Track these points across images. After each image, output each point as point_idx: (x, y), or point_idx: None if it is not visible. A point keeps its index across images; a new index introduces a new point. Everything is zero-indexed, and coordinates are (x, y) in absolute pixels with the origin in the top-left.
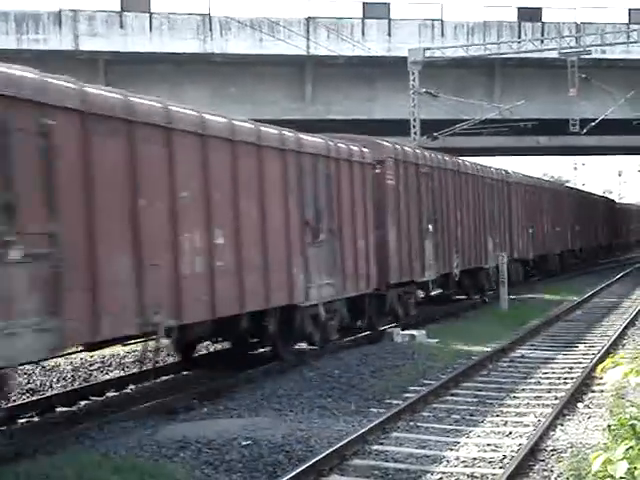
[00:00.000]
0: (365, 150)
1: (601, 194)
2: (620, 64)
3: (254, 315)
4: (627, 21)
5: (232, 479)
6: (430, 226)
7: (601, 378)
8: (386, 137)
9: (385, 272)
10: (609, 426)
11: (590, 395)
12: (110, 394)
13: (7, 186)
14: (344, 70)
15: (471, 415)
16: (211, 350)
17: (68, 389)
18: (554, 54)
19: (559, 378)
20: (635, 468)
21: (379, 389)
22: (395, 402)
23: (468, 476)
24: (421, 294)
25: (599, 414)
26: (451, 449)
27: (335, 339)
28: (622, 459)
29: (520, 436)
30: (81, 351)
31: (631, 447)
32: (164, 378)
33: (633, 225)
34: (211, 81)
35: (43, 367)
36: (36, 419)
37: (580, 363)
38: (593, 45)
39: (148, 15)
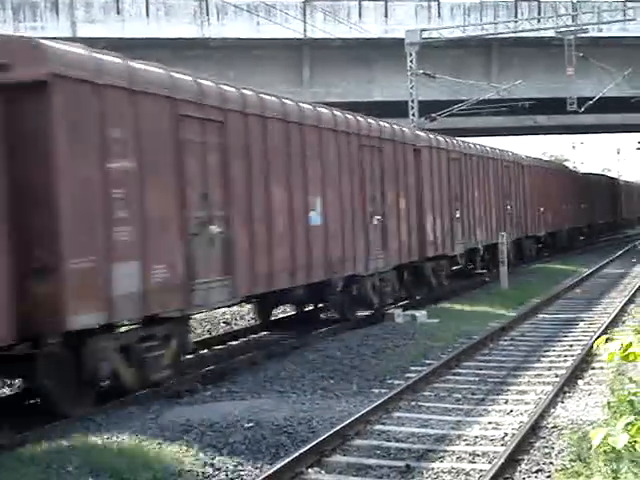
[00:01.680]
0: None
1: (600, 173)
2: (617, 42)
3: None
4: None
5: (235, 461)
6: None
7: (599, 355)
8: (385, 119)
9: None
10: (609, 403)
11: (590, 372)
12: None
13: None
14: (341, 52)
15: (472, 394)
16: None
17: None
18: (551, 33)
19: (559, 356)
20: (635, 441)
21: (380, 370)
22: (397, 382)
23: (470, 454)
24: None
25: (599, 391)
26: (453, 428)
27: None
28: (622, 433)
29: (521, 414)
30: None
31: (630, 423)
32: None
33: (635, 202)
34: (209, 66)
35: None
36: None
37: (580, 340)
38: (590, 23)
39: (145, 1)
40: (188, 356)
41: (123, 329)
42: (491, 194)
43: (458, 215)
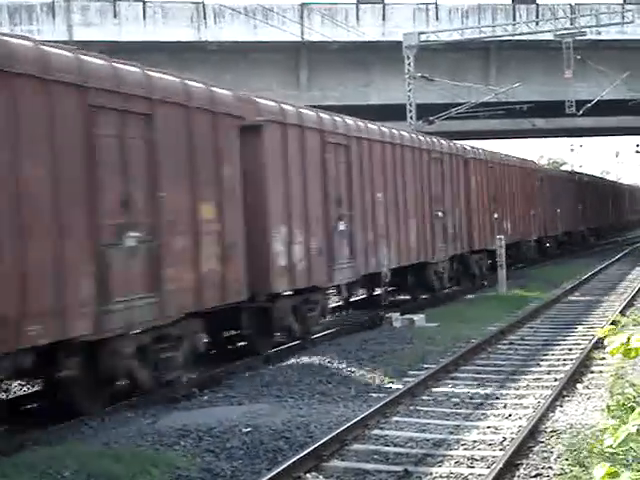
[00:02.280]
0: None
1: (599, 176)
2: (615, 45)
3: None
4: (621, 2)
5: (233, 466)
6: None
7: (600, 358)
8: (383, 122)
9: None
10: (608, 406)
11: (589, 376)
12: None
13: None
14: (339, 56)
15: (471, 398)
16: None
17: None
18: (549, 36)
19: (558, 359)
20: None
21: (378, 374)
22: (395, 387)
23: (468, 459)
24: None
25: (598, 395)
26: (451, 432)
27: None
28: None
29: (520, 418)
30: None
31: None
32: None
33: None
34: (206, 69)
35: None
36: None
37: (579, 344)
38: (588, 26)
39: (142, 4)
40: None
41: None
42: (407, 197)
43: (342, 228)
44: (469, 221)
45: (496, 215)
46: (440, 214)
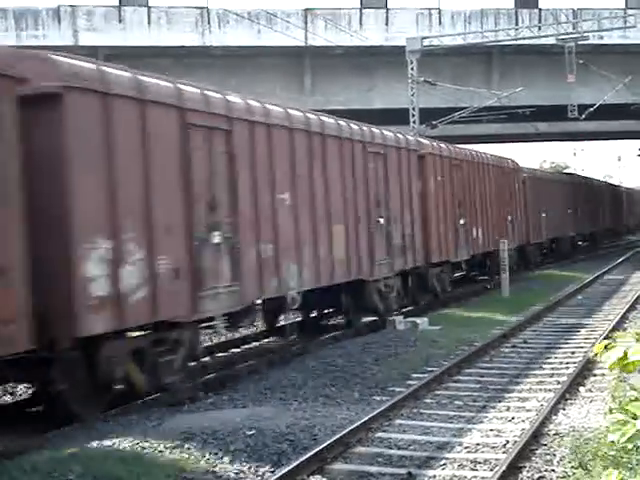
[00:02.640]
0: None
1: (602, 179)
2: (617, 49)
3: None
4: (624, 6)
5: (237, 468)
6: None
7: (602, 362)
8: (386, 126)
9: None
10: (611, 409)
11: (592, 379)
12: None
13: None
14: (342, 60)
15: (474, 401)
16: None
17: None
18: (552, 40)
19: (561, 363)
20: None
21: (382, 377)
22: (398, 389)
23: (471, 462)
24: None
25: (601, 397)
26: (454, 435)
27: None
28: None
29: (523, 421)
30: None
31: None
32: None
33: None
34: (211, 74)
35: None
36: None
37: (582, 347)
38: (590, 31)
39: (146, 9)
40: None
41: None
42: (332, 199)
43: (218, 240)
44: (425, 229)
45: (462, 221)
46: (382, 221)
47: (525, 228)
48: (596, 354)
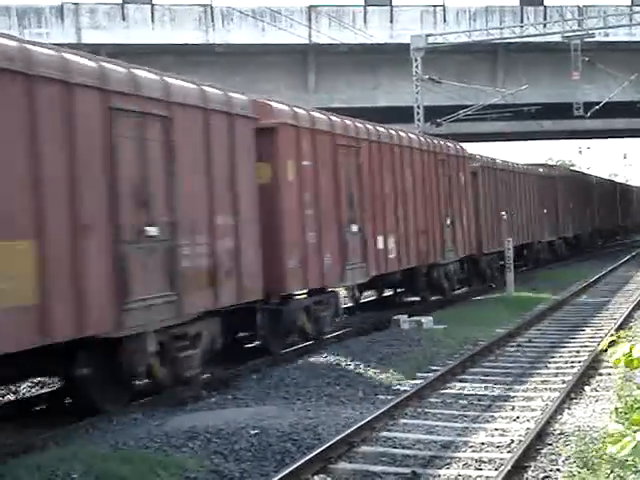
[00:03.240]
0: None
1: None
2: (623, 46)
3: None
4: (629, 3)
5: (241, 468)
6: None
7: (608, 361)
8: (390, 124)
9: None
10: (616, 409)
11: (597, 378)
12: None
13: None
14: (347, 58)
15: (479, 400)
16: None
17: None
18: (557, 38)
19: (566, 362)
20: None
21: (386, 376)
22: (402, 388)
23: (476, 461)
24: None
25: (606, 397)
26: (459, 434)
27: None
28: None
29: (528, 420)
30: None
31: None
32: None
33: None
34: (215, 71)
35: None
36: None
37: (587, 346)
38: (596, 28)
39: (150, 7)
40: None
41: None
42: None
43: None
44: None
45: (355, 228)
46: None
47: (475, 233)
48: (603, 350)
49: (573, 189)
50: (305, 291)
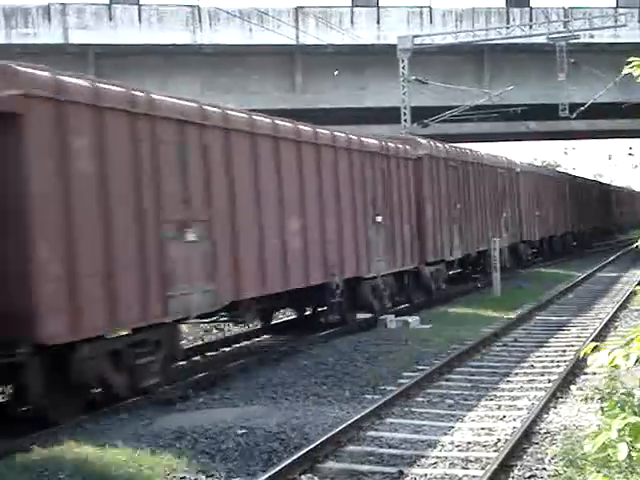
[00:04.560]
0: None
1: (592, 178)
2: (608, 48)
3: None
4: (614, 5)
5: (228, 467)
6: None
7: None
8: (378, 125)
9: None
10: (602, 408)
11: (583, 377)
12: None
13: None
14: (334, 59)
15: (465, 400)
16: None
17: None
18: (543, 39)
19: (552, 361)
20: (634, 448)
21: (373, 375)
22: (389, 388)
23: (462, 460)
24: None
25: (592, 396)
26: (445, 434)
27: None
28: (620, 440)
29: (514, 419)
30: None
31: (626, 425)
32: None
33: (626, 208)
34: (201, 72)
35: None
36: None
37: (573, 346)
38: (581, 30)
39: (137, 7)
40: (180, 362)
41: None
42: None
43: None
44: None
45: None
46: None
47: (402, 247)
48: (583, 355)
49: (549, 187)
50: None
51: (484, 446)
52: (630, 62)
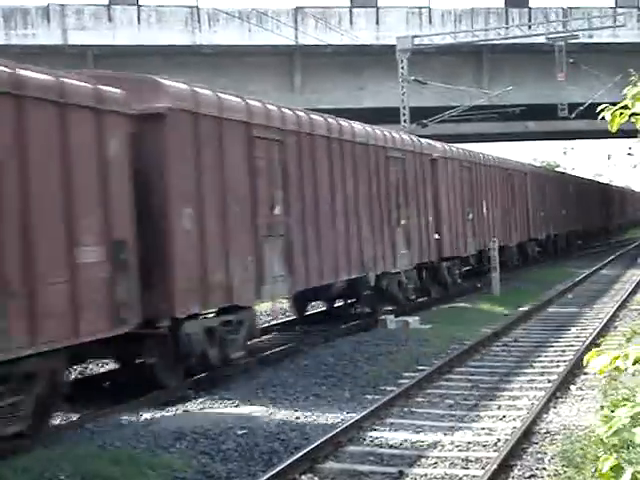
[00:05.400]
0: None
1: (591, 178)
2: (607, 48)
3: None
4: (613, 5)
5: (228, 468)
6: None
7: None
8: (376, 125)
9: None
10: (602, 407)
11: (583, 377)
12: None
13: None
14: (333, 59)
15: (465, 400)
16: None
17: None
18: (542, 39)
19: (552, 361)
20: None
21: (373, 376)
22: (389, 388)
23: (463, 460)
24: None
25: (592, 396)
26: (445, 434)
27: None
28: (633, 425)
29: (514, 419)
30: None
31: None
32: None
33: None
34: (201, 73)
35: None
36: None
37: (572, 346)
38: (580, 30)
39: (136, 8)
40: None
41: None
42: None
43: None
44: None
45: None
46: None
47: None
48: (586, 362)
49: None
50: None
51: (484, 446)
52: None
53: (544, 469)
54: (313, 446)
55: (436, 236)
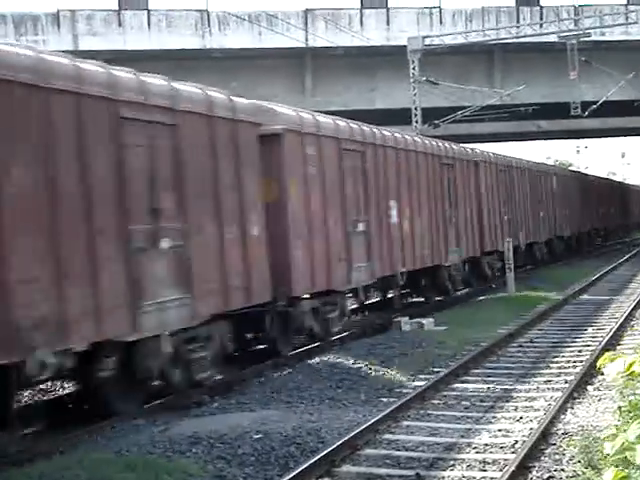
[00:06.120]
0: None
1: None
2: (620, 45)
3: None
4: (625, 2)
5: (245, 472)
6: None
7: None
8: (388, 127)
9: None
10: (620, 408)
11: (600, 378)
12: None
13: None
14: (343, 61)
15: (481, 401)
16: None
17: None
18: (553, 38)
19: (568, 362)
20: None
21: (388, 378)
22: (405, 391)
23: (480, 462)
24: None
25: (609, 396)
26: (462, 436)
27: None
28: (638, 442)
29: (531, 420)
30: None
31: None
32: None
33: None
34: (212, 76)
35: None
36: None
37: (589, 346)
38: (592, 27)
39: (146, 12)
40: None
41: None
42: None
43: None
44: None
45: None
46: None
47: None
48: (599, 367)
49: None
50: None
51: (501, 448)
52: None
53: (562, 470)
54: (329, 449)
55: (452, 217)
